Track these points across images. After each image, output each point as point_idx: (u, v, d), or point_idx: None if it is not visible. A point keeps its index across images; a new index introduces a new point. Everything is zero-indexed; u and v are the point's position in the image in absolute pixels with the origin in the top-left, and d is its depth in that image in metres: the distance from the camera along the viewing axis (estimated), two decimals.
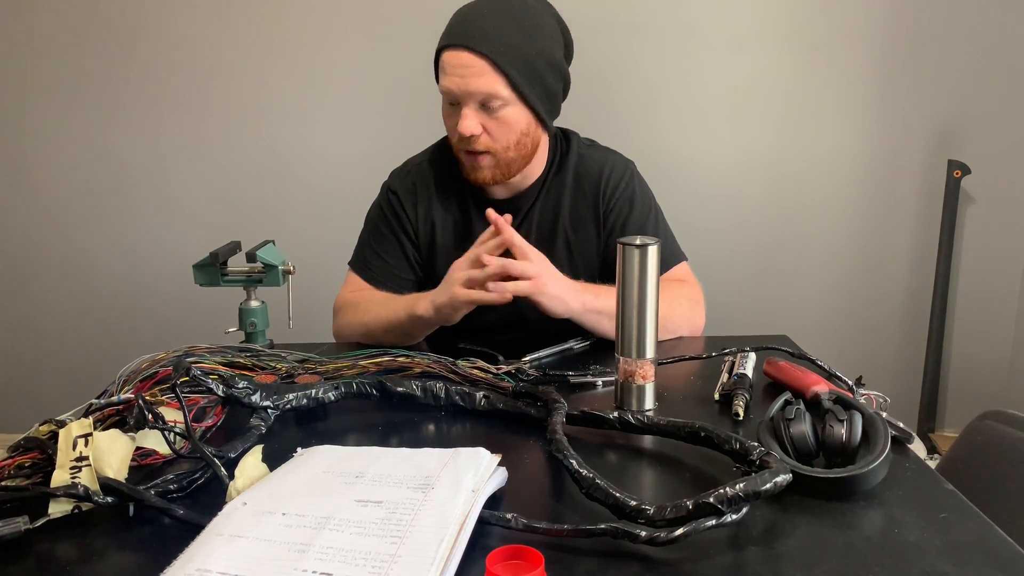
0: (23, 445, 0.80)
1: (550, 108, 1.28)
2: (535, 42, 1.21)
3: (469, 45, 1.17)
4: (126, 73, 2.35)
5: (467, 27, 1.18)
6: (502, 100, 1.20)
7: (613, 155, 1.39)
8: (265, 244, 1.25)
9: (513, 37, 1.19)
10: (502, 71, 1.18)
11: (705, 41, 2.27)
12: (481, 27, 1.18)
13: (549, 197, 1.35)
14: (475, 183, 1.29)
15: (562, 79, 1.28)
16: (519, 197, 1.34)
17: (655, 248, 0.91)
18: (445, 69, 1.20)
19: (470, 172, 1.28)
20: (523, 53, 1.19)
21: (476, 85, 1.18)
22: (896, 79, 2.26)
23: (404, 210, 1.36)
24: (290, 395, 0.94)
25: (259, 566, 0.60)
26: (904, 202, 2.35)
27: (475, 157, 1.24)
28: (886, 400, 0.92)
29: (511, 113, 1.21)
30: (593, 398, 1.02)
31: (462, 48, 1.17)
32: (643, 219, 1.34)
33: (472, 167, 1.27)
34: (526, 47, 1.20)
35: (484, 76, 1.18)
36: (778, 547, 0.66)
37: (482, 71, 1.17)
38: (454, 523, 0.64)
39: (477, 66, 1.17)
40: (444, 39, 1.21)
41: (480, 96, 1.19)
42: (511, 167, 1.27)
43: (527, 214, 1.35)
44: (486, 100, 1.19)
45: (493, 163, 1.25)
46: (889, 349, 2.45)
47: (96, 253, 2.48)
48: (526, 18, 1.21)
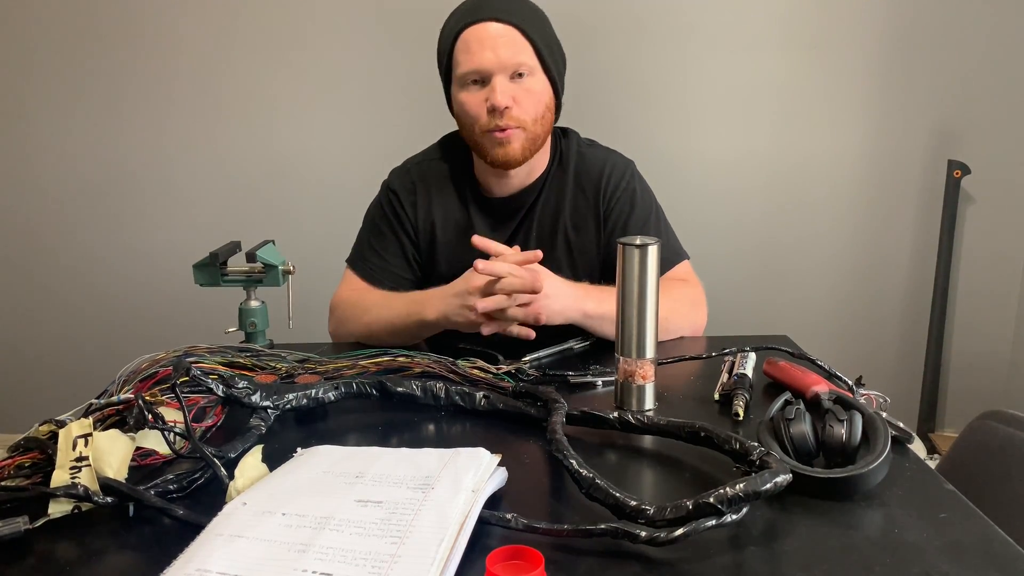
0: (23, 445, 0.80)
1: (562, 84, 1.31)
2: (547, 27, 1.28)
3: (498, 17, 1.21)
4: (126, 74, 2.35)
5: (489, 4, 1.22)
6: (530, 69, 1.23)
7: (613, 155, 1.39)
8: (265, 244, 1.25)
9: (533, 17, 1.25)
10: (529, 39, 1.22)
11: (704, 41, 2.27)
12: (504, 5, 1.22)
13: (550, 196, 1.35)
14: (503, 162, 1.27)
15: (564, 60, 1.32)
16: (520, 195, 1.34)
17: (655, 248, 0.91)
18: (470, 47, 1.21)
19: (497, 150, 1.25)
20: (540, 27, 1.25)
21: (509, 54, 1.20)
22: (896, 79, 2.26)
23: (404, 209, 1.36)
24: (290, 395, 0.93)
25: (259, 566, 0.60)
26: (904, 202, 2.35)
27: (506, 133, 1.24)
28: (886, 400, 0.92)
29: (537, 82, 1.24)
30: (593, 398, 1.02)
31: (491, 20, 1.21)
32: (644, 218, 1.34)
33: (502, 143, 1.25)
34: (541, 21, 1.26)
35: (516, 45, 1.21)
36: (778, 547, 0.66)
37: (514, 40, 1.21)
38: (454, 523, 0.64)
39: (508, 35, 1.21)
40: (465, 17, 1.23)
41: (512, 65, 1.21)
42: (535, 143, 1.27)
43: (528, 213, 1.35)
44: (517, 68, 1.22)
45: (523, 137, 1.25)
46: (889, 349, 2.45)
47: (96, 253, 2.48)
48: (535, 7, 1.28)
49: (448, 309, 1.16)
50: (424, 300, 1.20)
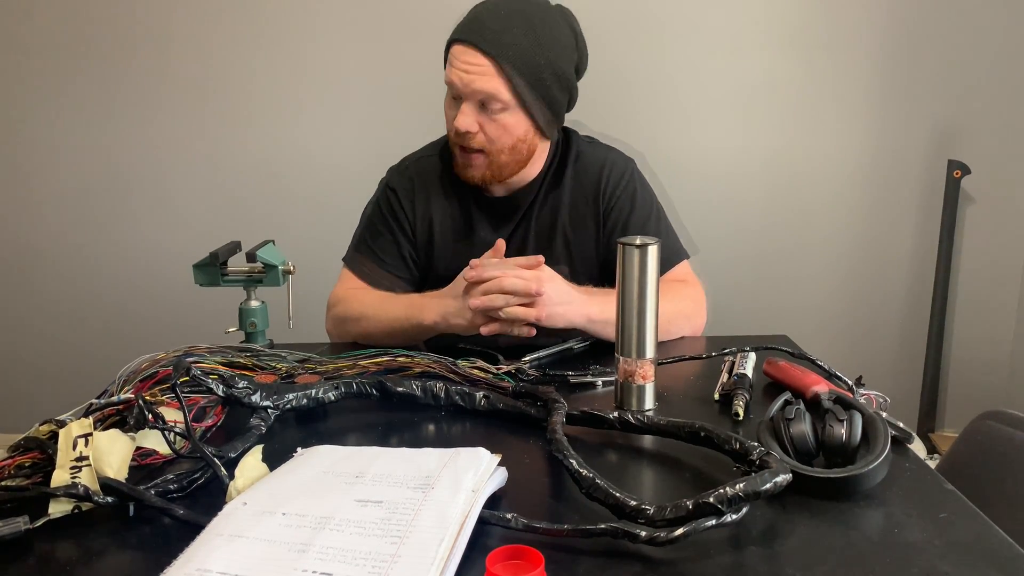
0: (23, 445, 0.79)
1: (551, 118, 1.27)
2: (546, 52, 1.20)
3: (478, 44, 1.17)
4: (125, 74, 2.35)
5: (480, 25, 1.19)
6: (502, 104, 1.20)
7: (613, 153, 1.38)
8: (265, 244, 1.25)
9: (524, 43, 1.18)
10: (506, 76, 1.18)
11: (705, 41, 2.27)
12: (494, 28, 1.18)
13: (549, 195, 1.35)
14: (466, 181, 1.29)
15: (568, 91, 1.28)
16: (518, 195, 1.34)
17: (655, 248, 0.91)
18: (452, 62, 1.20)
19: (462, 169, 1.28)
20: (531, 61, 1.19)
21: (478, 84, 1.18)
22: (896, 79, 2.26)
23: (402, 207, 1.35)
24: (290, 395, 0.93)
25: (259, 566, 0.60)
26: (904, 202, 2.35)
27: (468, 155, 1.25)
28: (886, 400, 0.92)
29: (510, 118, 1.22)
30: (593, 398, 1.02)
31: (471, 45, 1.18)
32: (645, 217, 1.34)
33: (464, 164, 1.27)
34: (536, 55, 1.19)
35: (487, 77, 1.18)
36: (778, 547, 0.66)
37: (486, 72, 1.18)
38: (454, 523, 0.64)
39: (483, 66, 1.17)
40: (456, 32, 1.22)
41: (481, 95, 1.19)
42: (503, 170, 1.27)
43: (526, 212, 1.35)
44: (486, 101, 1.20)
45: (486, 163, 1.25)
46: (889, 349, 2.45)
47: (96, 253, 2.48)
48: (541, 26, 1.20)
49: (447, 311, 1.15)
50: (422, 304, 1.20)
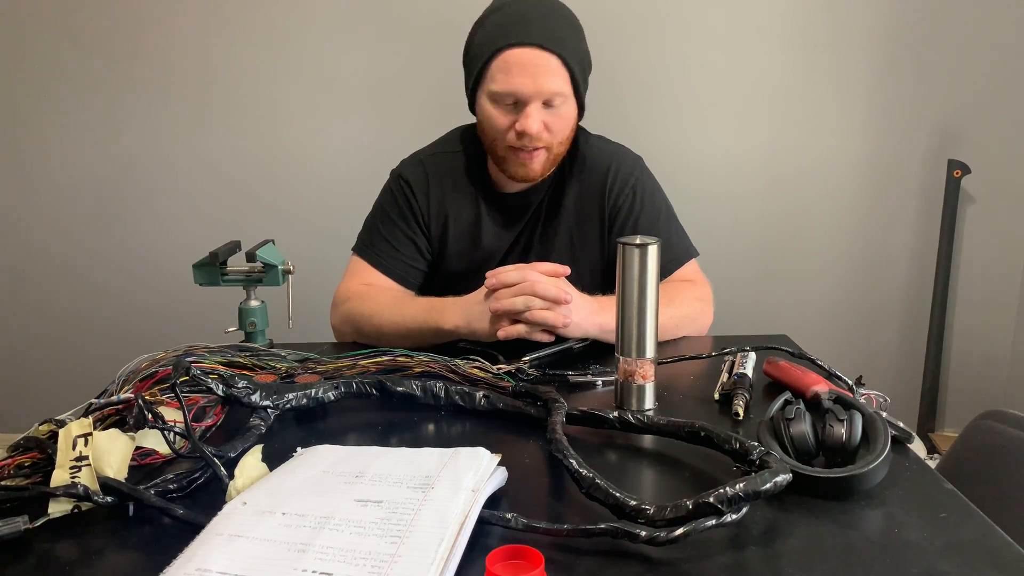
0: (23, 445, 0.79)
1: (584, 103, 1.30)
2: (583, 42, 1.26)
3: (543, 44, 1.18)
4: (125, 73, 2.35)
5: (533, 26, 1.19)
6: (564, 97, 1.22)
7: (620, 150, 1.38)
8: (265, 244, 1.25)
9: (571, 37, 1.23)
10: (569, 69, 1.20)
11: (705, 40, 2.27)
12: (547, 26, 1.20)
13: (557, 190, 1.35)
14: (522, 179, 1.29)
15: (590, 68, 1.32)
16: (529, 192, 1.34)
17: (655, 248, 0.91)
18: (510, 69, 1.19)
19: (518, 168, 1.27)
20: (580, 52, 1.24)
21: (548, 83, 1.19)
22: (896, 79, 2.26)
23: (416, 200, 1.35)
24: (290, 395, 0.93)
25: (259, 566, 0.60)
26: (904, 202, 2.35)
27: (530, 154, 1.24)
28: (886, 400, 0.92)
29: (568, 109, 1.24)
30: (593, 398, 1.02)
31: (534, 47, 1.18)
32: (654, 216, 1.34)
33: (524, 163, 1.26)
34: (580, 46, 1.25)
35: (555, 74, 1.20)
36: (778, 547, 0.66)
37: (554, 70, 1.19)
38: (454, 523, 0.63)
39: (550, 64, 1.19)
40: (510, 35, 1.19)
41: (549, 94, 1.20)
42: (556, 160, 1.29)
43: (536, 208, 1.34)
44: (553, 98, 1.21)
45: (545, 157, 1.26)
46: (889, 349, 2.45)
47: (95, 253, 2.48)
48: (572, 18, 1.25)
49: (470, 316, 1.14)
50: (443, 308, 1.18)
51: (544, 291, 1.09)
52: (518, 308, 1.09)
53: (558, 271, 1.13)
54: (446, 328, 1.16)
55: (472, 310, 1.14)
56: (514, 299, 1.09)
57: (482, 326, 1.13)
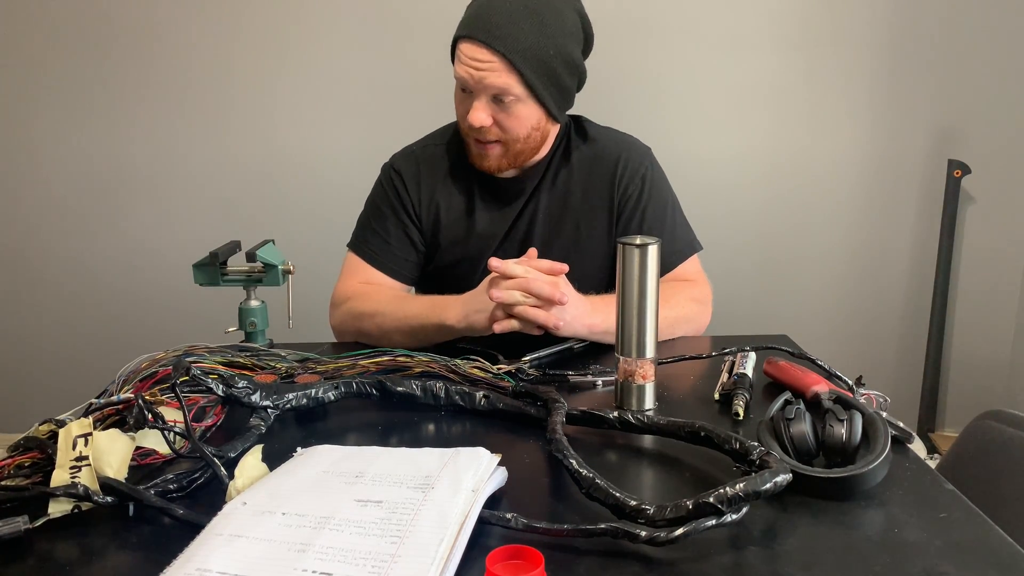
0: (23, 445, 0.79)
1: (562, 104, 1.28)
2: (553, 40, 1.20)
3: (486, 41, 1.17)
4: (125, 74, 2.35)
5: (486, 21, 1.18)
6: (514, 96, 1.20)
7: (631, 140, 1.38)
8: (265, 244, 1.25)
9: (531, 35, 1.18)
10: (516, 69, 1.18)
11: (705, 40, 2.27)
12: (499, 23, 1.17)
13: (558, 178, 1.34)
14: (481, 169, 1.29)
15: (577, 75, 1.28)
16: (524, 178, 1.33)
17: (655, 248, 0.91)
18: (460, 58, 1.20)
19: (477, 159, 1.28)
20: (539, 52, 1.19)
21: (489, 80, 1.18)
22: (896, 79, 2.26)
23: (407, 191, 1.35)
24: (290, 395, 0.93)
25: (259, 566, 0.60)
26: (904, 202, 2.35)
27: (484, 146, 1.25)
28: (886, 400, 0.92)
29: (523, 109, 1.22)
30: (593, 398, 1.02)
31: (478, 42, 1.17)
32: (661, 207, 1.34)
33: (480, 155, 1.27)
34: (543, 45, 1.19)
35: (497, 73, 1.18)
36: (778, 547, 0.66)
37: (496, 68, 1.17)
38: (454, 523, 0.63)
39: (492, 62, 1.17)
40: (462, 28, 1.21)
41: (492, 91, 1.20)
42: (519, 157, 1.27)
43: (533, 194, 1.34)
44: (499, 94, 1.20)
45: (502, 152, 1.26)
46: (889, 349, 2.45)
47: (96, 253, 2.48)
48: (547, 13, 1.19)
49: (468, 308, 1.14)
50: (445, 304, 1.18)
51: (538, 290, 1.09)
52: (515, 300, 1.09)
53: (555, 269, 1.13)
54: (448, 323, 1.16)
55: (471, 304, 1.15)
56: (512, 292, 1.09)
57: (480, 319, 1.13)
